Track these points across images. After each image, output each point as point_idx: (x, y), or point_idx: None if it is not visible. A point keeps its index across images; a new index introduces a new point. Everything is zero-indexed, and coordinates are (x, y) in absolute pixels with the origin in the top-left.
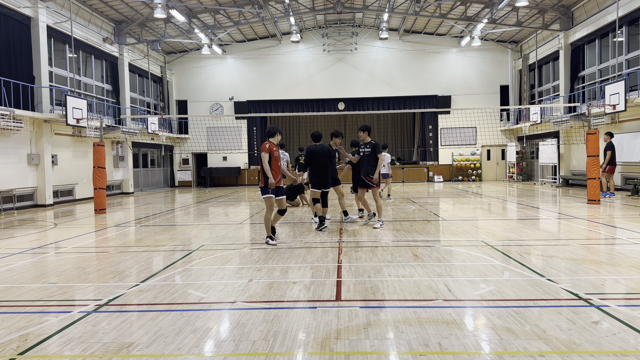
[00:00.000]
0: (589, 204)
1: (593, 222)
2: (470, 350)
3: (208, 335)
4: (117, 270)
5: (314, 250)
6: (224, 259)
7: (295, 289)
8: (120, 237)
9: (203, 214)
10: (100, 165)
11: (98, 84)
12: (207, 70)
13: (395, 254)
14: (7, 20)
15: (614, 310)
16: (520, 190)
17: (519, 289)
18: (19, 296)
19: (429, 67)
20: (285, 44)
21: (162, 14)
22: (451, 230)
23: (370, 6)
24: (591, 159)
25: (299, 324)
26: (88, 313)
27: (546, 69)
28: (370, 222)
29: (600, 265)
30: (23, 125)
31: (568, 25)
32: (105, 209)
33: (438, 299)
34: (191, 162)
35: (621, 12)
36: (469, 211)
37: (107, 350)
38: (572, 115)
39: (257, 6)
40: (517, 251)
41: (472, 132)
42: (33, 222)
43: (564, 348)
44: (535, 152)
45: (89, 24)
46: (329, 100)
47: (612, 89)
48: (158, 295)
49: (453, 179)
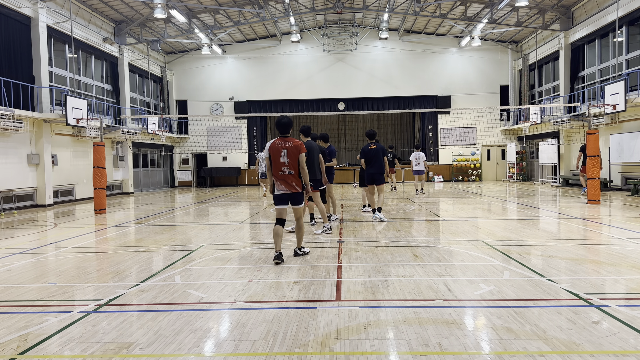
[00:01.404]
0: (589, 204)
1: (593, 222)
2: (470, 350)
3: (208, 335)
4: (117, 270)
5: (314, 250)
6: (224, 259)
7: (295, 289)
8: (120, 237)
9: (203, 214)
10: (100, 165)
11: (98, 84)
12: (207, 70)
13: (395, 254)
14: (7, 20)
15: (614, 310)
16: (520, 190)
17: (519, 289)
18: (19, 296)
19: (429, 67)
20: (285, 44)
21: (162, 14)
22: (451, 230)
23: (370, 6)
24: (591, 159)
25: (299, 324)
26: (88, 313)
27: (546, 69)
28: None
29: (600, 265)
30: (23, 125)
31: (568, 25)
32: (105, 209)
33: (438, 299)
34: (191, 162)
35: (621, 12)
36: (469, 211)
37: (107, 350)
38: (572, 115)
39: (257, 6)
40: (517, 251)
41: (472, 132)
42: (33, 222)
43: (564, 348)
44: (535, 152)
45: (89, 24)
46: (329, 100)
47: (612, 89)
48: (158, 295)
49: (453, 179)
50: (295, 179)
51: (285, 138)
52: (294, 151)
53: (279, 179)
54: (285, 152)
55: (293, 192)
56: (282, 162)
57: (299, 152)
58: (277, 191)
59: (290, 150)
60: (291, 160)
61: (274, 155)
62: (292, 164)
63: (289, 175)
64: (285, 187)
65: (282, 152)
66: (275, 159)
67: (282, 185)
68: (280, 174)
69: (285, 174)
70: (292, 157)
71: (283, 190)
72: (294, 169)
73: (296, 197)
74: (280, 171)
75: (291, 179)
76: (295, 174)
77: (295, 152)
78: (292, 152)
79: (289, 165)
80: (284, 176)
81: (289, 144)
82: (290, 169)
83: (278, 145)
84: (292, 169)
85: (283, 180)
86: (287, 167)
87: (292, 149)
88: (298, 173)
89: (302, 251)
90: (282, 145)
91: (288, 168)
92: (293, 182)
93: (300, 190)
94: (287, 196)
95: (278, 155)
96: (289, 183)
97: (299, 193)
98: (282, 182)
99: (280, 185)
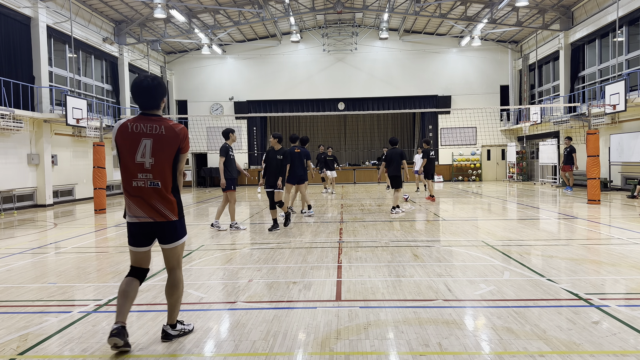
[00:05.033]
0: (589, 204)
1: (593, 222)
2: (470, 350)
3: (208, 335)
4: (117, 270)
5: (314, 250)
6: (224, 259)
7: (295, 289)
8: (120, 237)
9: (203, 214)
10: (100, 165)
11: (98, 84)
12: (207, 70)
13: (395, 254)
14: (7, 20)
15: (614, 310)
16: (520, 190)
17: (519, 289)
18: (19, 296)
19: (429, 67)
20: (285, 44)
21: (162, 14)
22: (451, 230)
23: (370, 6)
24: (591, 159)
25: (299, 324)
26: (88, 313)
27: (546, 69)
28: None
29: (600, 265)
30: (23, 125)
31: (568, 25)
32: (105, 209)
33: (438, 299)
34: (191, 162)
35: (621, 12)
36: (469, 211)
37: (107, 350)
38: (572, 115)
39: (257, 6)
40: (517, 251)
41: (472, 132)
42: (33, 222)
43: (564, 348)
44: (535, 152)
45: (89, 24)
46: (329, 100)
47: (612, 89)
48: (158, 295)
49: (453, 179)
50: (165, 195)
51: (151, 118)
52: (166, 143)
53: (131, 195)
54: (148, 145)
55: (159, 220)
56: (140, 164)
57: (174, 145)
58: (130, 218)
59: (158, 140)
60: (158, 160)
61: (123, 148)
62: (158, 166)
63: (149, 188)
64: (144, 212)
65: (142, 144)
66: (126, 156)
67: (138, 206)
68: (133, 184)
69: (144, 185)
70: (159, 153)
71: (139, 217)
72: (161, 177)
73: (168, 229)
74: (134, 180)
75: (154, 195)
76: (163, 186)
77: (168, 145)
78: (160, 145)
79: (151, 170)
80: (141, 190)
81: (156, 130)
82: (155, 178)
83: (133, 130)
84: (157, 178)
85: (139, 198)
86: (148, 172)
87: (161, 139)
88: (171, 184)
89: (177, 330)
90: (143, 130)
91: (150, 175)
92: (159, 202)
93: (177, 217)
94: (150, 229)
95: (133, 149)
96: (149, 203)
97: (173, 223)
98: (138, 201)
99: (132, 207)
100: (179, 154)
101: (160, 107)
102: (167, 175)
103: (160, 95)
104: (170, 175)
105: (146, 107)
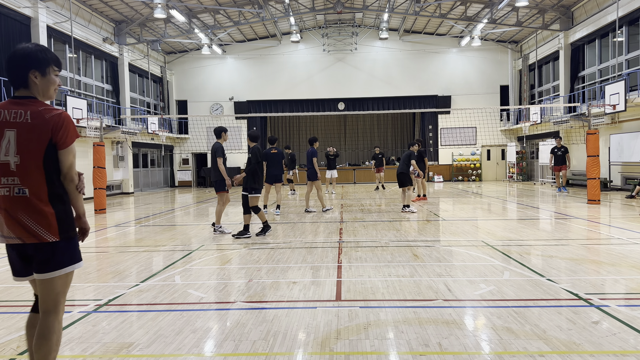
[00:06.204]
0: (589, 204)
1: (593, 222)
2: (470, 350)
3: (208, 335)
4: (117, 270)
5: (314, 250)
6: (224, 259)
7: (295, 289)
8: (120, 237)
9: (203, 214)
10: (100, 165)
11: (98, 84)
12: (207, 70)
13: (395, 254)
14: (7, 20)
15: (614, 310)
16: (520, 190)
17: (519, 289)
18: (19, 296)
19: (429, 67)
20: (285, 44)
21: (162, 14)
22: (451, 230)
23: (370, 6)
24: (591, 159)
25: (299, 324)
26: (88, 313)
27: (546, 69)
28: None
29: (600, 265)
30: None
31: (568, 25)
32: (105, 209)
33: (438, 299)
34: (191, 162)
35: (621, 12)
36: (469, 211)
37: (107, 350)
38: (572, 115)
39: (257, 6)
40: (517, 251)
41: (472, 132)
42: None
43: (564, 348)
44: (535, 152)
45: (89, 24)
46: (329, 100)
47: (612, 89)
48: (158, 295)
49: (453, 179)
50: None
51: (19, 101)
52: (33, 135)
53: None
54: (12, 138)
55: (29, 242)
56: (4, 165)
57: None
58: None
59: (23, 131)
60: (23, 159)
61: None
62: (24, 167)
63: (15, 197)
64: (10, 229)
65: (5, 138)
66: None
67: (4, 222)
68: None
69: (9, 194)
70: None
71: (6, 238)
72: (29, 182)
73: (42, 253)
74: None
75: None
76: (33, 193)
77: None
78: (25, 138)
79: (17, 172)
80: (5, 200)
81: (21, 117)
82: (22, 183)
83: None
84: (24, 183)
85: (3, 211)
86: (13, 175)
87: (25, 130)
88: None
89: None
90: (7, 118)
91: (17, 179)
92: (26, 215)
93: (56, 238)
94: (24, 252)
95: None
96: (15, 218)
97: (50, 245)
98: (4, 215)
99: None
100: (54, 150)
101: (32, 84)
102: (38, 179)
103: (27, 65)
104: (43, 179)
105: (13, 85)
